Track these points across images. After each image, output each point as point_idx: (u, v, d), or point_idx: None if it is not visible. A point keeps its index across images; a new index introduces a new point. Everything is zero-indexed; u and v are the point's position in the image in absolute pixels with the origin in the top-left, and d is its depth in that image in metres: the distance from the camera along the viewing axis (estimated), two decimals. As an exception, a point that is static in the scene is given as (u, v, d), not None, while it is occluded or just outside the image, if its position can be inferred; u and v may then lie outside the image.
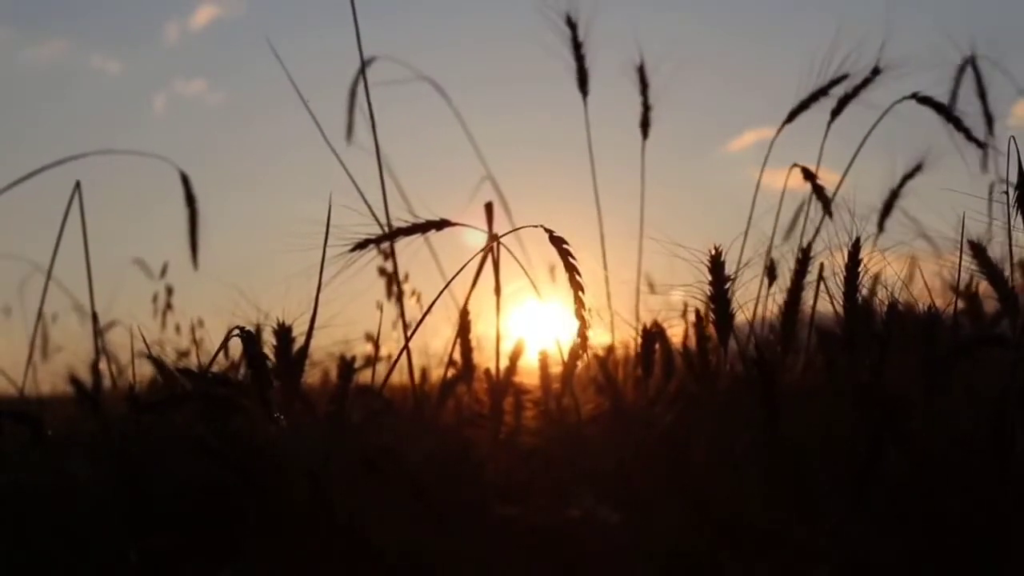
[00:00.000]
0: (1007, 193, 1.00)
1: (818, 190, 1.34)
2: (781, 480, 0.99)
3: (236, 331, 1.06)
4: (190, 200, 1.75)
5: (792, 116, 1.43)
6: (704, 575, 0.95)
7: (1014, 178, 1.00)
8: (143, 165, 1.77)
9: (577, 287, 1.01)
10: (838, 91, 1.39)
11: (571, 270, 1.02)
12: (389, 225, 1.15)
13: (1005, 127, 1.70)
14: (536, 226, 1.05)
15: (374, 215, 1.18)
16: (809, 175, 1.34)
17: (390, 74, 1.81)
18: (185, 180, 1.74)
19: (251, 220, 3.37)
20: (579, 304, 1.00)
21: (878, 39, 1.37)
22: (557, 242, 1.03)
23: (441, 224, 1.11)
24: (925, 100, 1.33)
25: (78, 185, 1.63)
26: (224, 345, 1.14)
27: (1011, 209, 1.01)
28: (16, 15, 6.37)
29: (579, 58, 1.57)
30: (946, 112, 1.33)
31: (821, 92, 1.40)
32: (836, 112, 1.39)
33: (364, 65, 1.48)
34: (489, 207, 1.69)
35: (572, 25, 1.55)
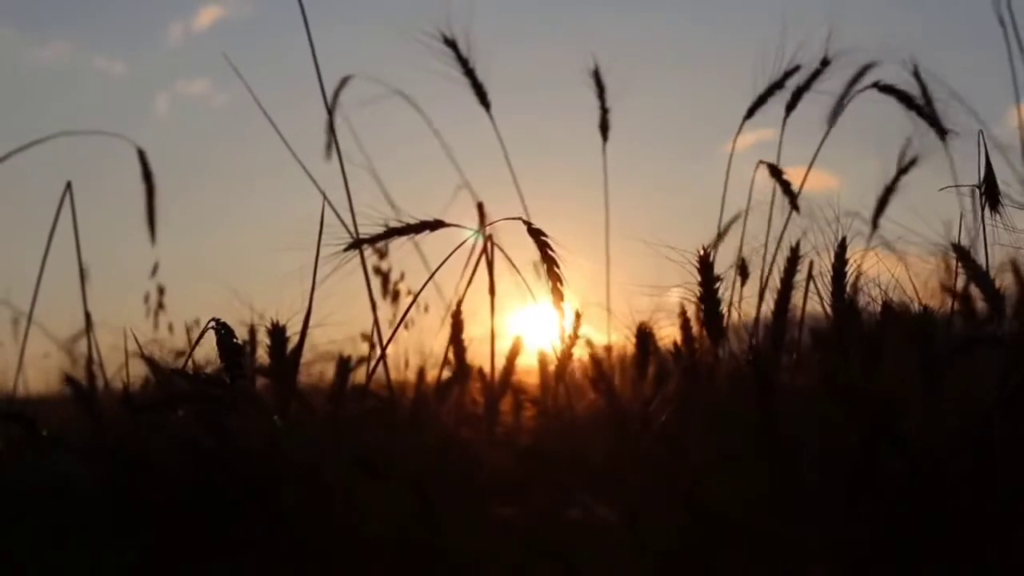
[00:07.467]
0: (978, 188, 1.00)
1: (784, 185, 1.33)
2: (778, 479, 0.99)
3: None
4: (147, 176, 1.77)
5: (751, 111, 1.42)
6: (702, 575, 0.95)
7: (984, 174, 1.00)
8: (133, 162, 1.77)
9: (555, 279, 1.00)
10: (792, 84, 1.37)
11: (549, 262, 1.01)
12: (357, 230, 1.14)
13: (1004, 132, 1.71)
14: (515, 218, 1.05)
15: (340, 219, 1.19)
16: (776, 172, 1.33)
17: (366, 90, 1.81)
18: (142, 156, 1.76)
19: (251, 220, 3.36)
20: (558, 296, 1.00)
21: (832, 31, 1.35)
22: (535, 234, 1.02)
23: (436, 224, 1.11)
24: (887, 89, 1.30)
25: (69, 185, 1.63)
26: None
27: (982, 206, 1.01)
28: (19, 16, 6.33)
29: (469, 73, 1.56)
30: (908, 100, 1.30)
31: (776, 85, 1.38)
32: (791, 106, 1.38)
33: (337, 86, 1.48)
34: (481, 207, 1.69)
35: (451, 43, 1.53)
